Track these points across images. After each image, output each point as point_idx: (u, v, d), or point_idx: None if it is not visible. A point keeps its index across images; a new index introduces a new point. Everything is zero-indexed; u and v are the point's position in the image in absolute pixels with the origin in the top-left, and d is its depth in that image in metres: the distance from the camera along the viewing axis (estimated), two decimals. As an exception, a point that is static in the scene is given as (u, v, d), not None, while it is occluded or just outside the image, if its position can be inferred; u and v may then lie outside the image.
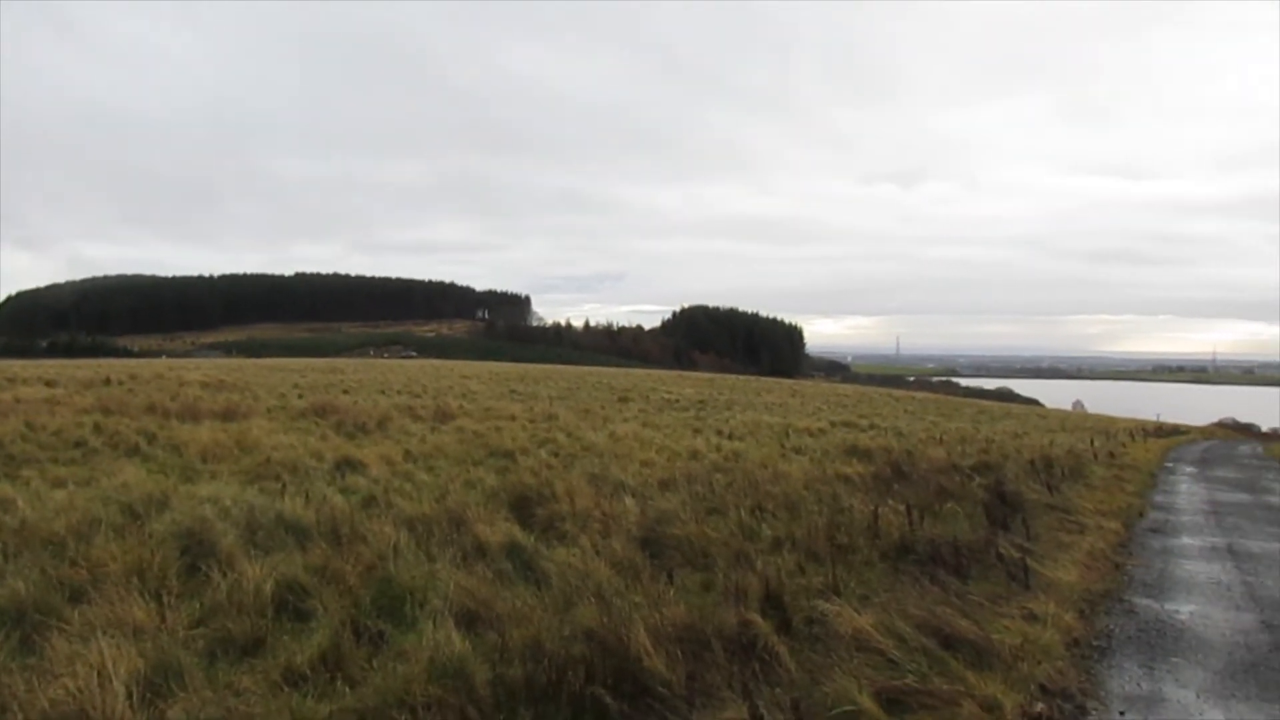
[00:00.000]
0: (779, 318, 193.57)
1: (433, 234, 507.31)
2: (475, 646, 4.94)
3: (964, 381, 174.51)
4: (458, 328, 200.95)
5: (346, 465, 12.69)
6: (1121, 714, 5.15)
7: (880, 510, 9.02)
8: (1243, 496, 17.08)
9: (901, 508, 9.10)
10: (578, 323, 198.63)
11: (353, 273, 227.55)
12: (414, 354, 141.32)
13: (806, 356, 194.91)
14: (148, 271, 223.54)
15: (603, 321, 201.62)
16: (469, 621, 5.46)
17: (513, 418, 23.75)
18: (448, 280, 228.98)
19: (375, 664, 4.87)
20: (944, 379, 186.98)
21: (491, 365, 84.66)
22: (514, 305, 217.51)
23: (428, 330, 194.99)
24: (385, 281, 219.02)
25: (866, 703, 4.41)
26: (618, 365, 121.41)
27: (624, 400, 37.39)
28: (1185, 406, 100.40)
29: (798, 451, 18.10)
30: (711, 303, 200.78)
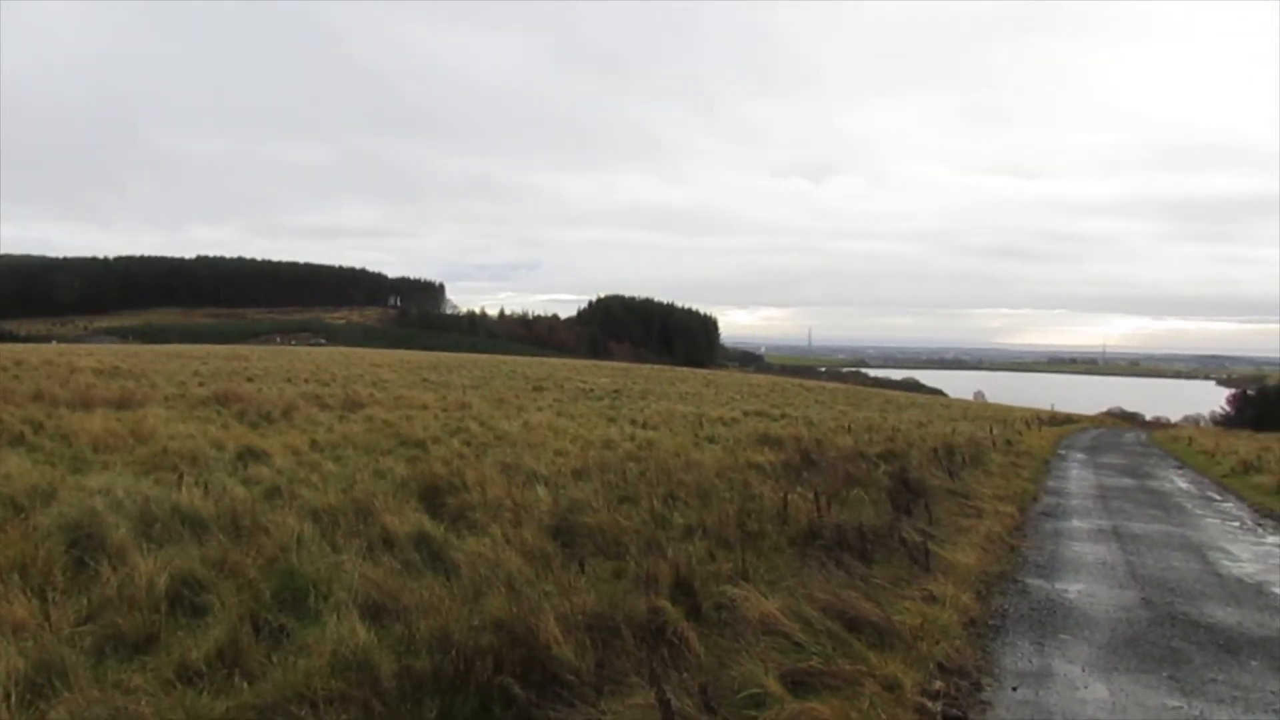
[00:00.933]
0: (694, 308, 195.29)
1: (338, 218, 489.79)
2: (381, 638, 4.85)
3: (873, 372, 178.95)
4: (369, 315, 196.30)
5: (249, 455, 12.28)
6: (1014, 689, 5.38)
7: (790, 497, 9.20)
8: (1127, 481, 18.02)
9: (810, 495, 9.28)
10: (492, 311, 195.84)
11: (258, 257, 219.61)
12: (323, 341, 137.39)
13: (721, 347, 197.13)
14: (36, 252, 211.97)
15: (518, 310, 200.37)
16: (375, 613, 5.36)
17: (425, 406, 23.37)
18: (358, 266, 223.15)
19: (275, 659, 4.74)
20: (853, 370, 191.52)
21: (404, 353, 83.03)
22: (427, 293, 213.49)
23: (338, 317, 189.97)
24: (293, 266, 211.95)
25: (772, 685, 4.49)
26: (533, 354, 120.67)
27: (538, 389, 37.17)
28: (1077, 396, 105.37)
29: (711, 440, 18.29)
30: (627, 292, 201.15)
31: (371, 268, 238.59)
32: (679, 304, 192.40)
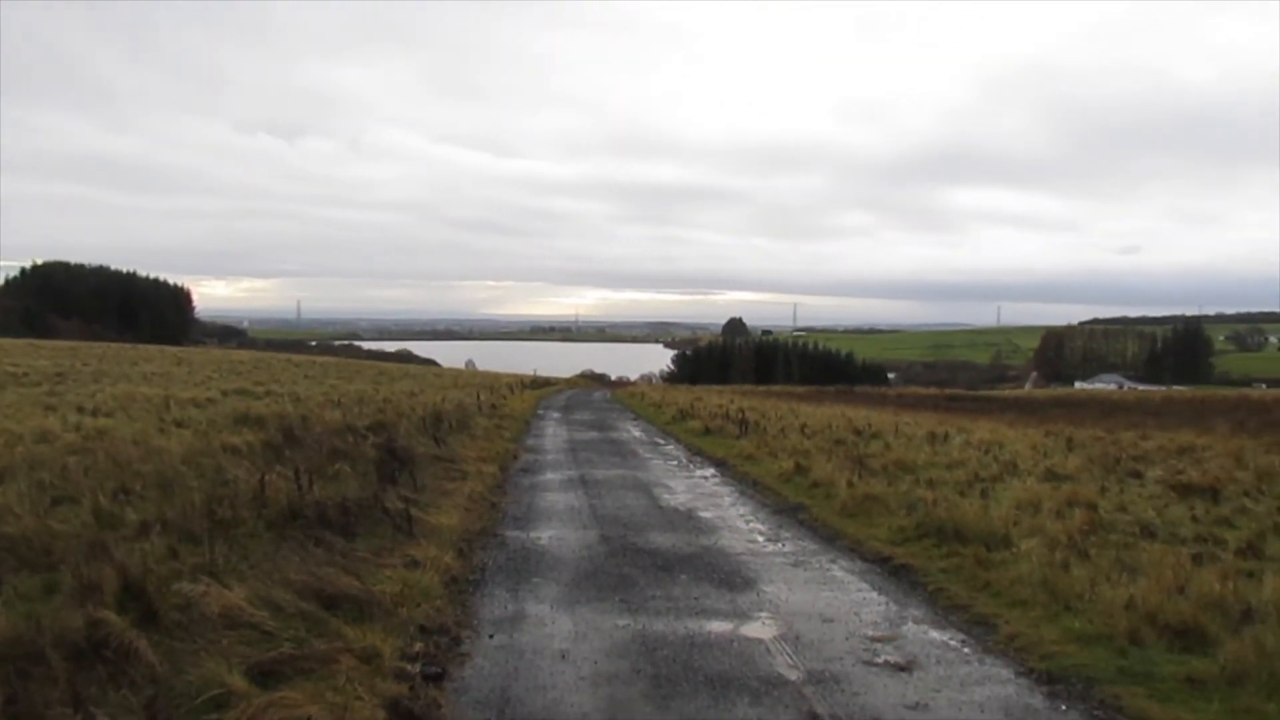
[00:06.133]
0: (162, 279, 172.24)
1: None
2: None
3: (366, 344, 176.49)
4: None
5: None
6: (491, 637, 5.70)
7: (268, 478, 8.62)
8: (594, 435, 20.28)
9: (290, 473, 8.82)
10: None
11: None
12: None
13: (197, 322, 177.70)
14: None
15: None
16: None
17: None
18: None
19: None
20: (346, 343, 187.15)
21: None
22: None
23: None
24: None
25: (237, 681, 4.13)
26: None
27: (-53, 378, 29.98)
28: (556, 362, 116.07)
29: (180, 425, 16.40)
30: (75, 259, 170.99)
31: None
32: (143, 273, 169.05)
